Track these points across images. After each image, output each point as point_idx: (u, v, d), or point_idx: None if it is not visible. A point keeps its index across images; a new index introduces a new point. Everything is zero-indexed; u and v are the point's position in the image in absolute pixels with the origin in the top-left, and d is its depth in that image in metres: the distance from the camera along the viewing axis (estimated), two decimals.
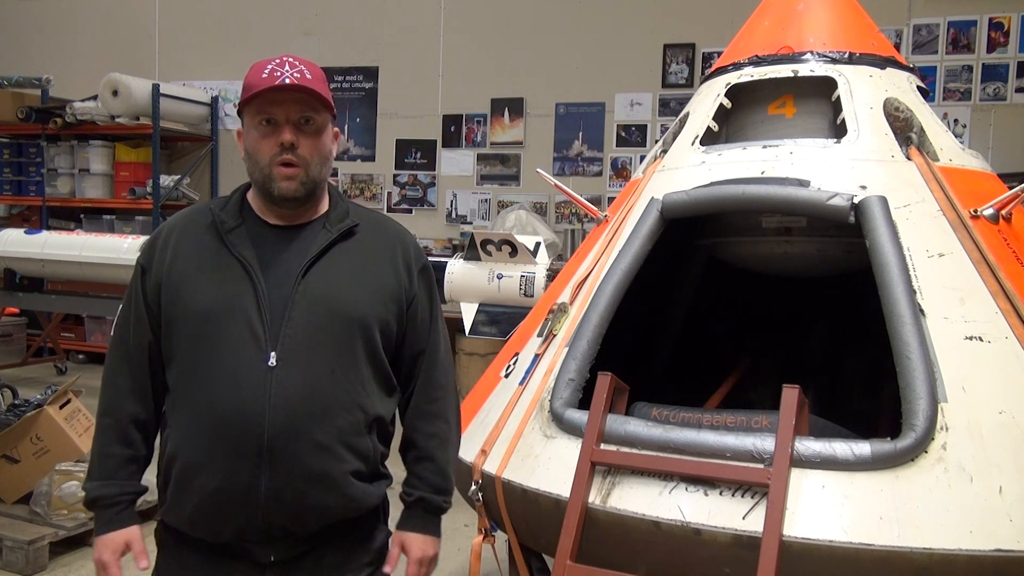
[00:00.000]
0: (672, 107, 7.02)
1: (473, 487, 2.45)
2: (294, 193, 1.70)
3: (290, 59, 1.71)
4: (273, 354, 1.65)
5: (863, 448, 1.97)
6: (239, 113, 1.75)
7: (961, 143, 2.74)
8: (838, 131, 2.56)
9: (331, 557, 1.76)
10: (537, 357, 2.63)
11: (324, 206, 1.82)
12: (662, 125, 6.99)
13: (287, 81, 1.66)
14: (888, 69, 2.69)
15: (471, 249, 4.84)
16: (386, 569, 1.85)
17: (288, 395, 1.65)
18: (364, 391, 1.74)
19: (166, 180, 7.87)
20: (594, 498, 2.16)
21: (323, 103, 1.71)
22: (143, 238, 6.36)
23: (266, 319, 1.67)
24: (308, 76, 1.69)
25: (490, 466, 2.43)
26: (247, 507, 1.65)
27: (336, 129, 1.82)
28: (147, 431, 1.77)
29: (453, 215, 7.78)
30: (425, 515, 1.86)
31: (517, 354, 2.78)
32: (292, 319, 1.67)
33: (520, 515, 2.38)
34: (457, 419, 1.95)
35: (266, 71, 1.68)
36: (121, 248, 6.21)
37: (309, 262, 1.72)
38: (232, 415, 1.64)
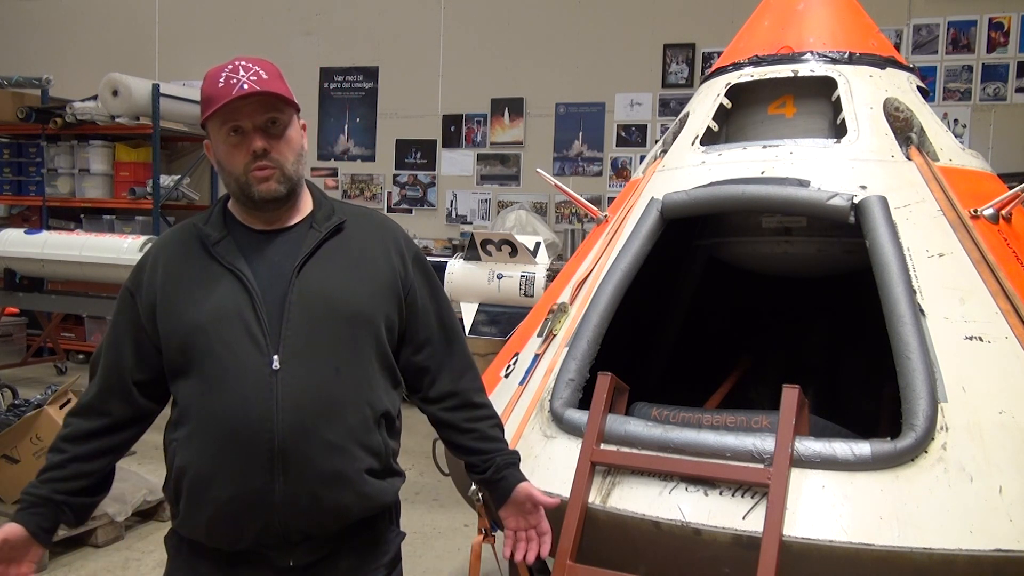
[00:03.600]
0: (672, 107, 7.03)
1: (473, 487, 2.45)
2: (274, 193, 1.68)
3: (243, 62, 1.67)
4: (276, 357, 1.64)
5: (863, 448, 1.97)
6: (202, 126, 1.72)
7: (961, 143, 2.74)
8: (838, 131, 2.56)
9: (346, 560, 1.75)
10: (537, 357, 2.63)
11: (308, 206, 1.79)
12: (662, 125, 6.99)
13: (245, 87, 1.62)
14: (888, 69, 2.69)
15: (471, 249, 4.84)
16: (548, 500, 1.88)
17: (295, 396, 1.63)
18: (370, 386, 1.73)
19: (166, 180, 7.87)
20: (594, 498, 2.16)
21: (286, 102, 1.68)
22: (143, 238, 6.36)
23: (264, 323, 1.65)
24: (265, 76, 1.65)
25: None
26: (263, 514, 1.63)
27: (303, 121, 1.77)
28: (98, 442, 1.73)
29: (453, 215, 7.78)
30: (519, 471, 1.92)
31: (517, 354, 2.78)
32: (291, 320, 1.66)
33: None
34: None
35: (221, 79, 1.64)
36: (121, 248, 6.21)
37: (301, 261, 1.70)
38: (239, 422, 1.62)
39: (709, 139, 2.73)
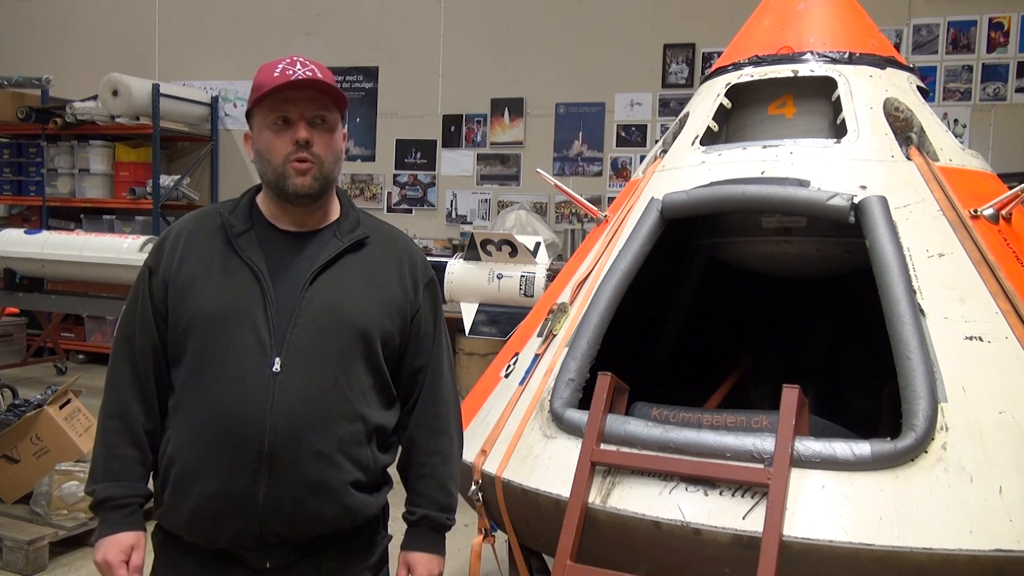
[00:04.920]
0: (672, 107, 7.03)
1: (473, 487, 2.45)
2: (308, 189, 1.69)
3: (300, 59, 1.71)
4: (278, 360, 1.64)
5: (863, 448, 1.97)
6: (248, 115, 1.74)
7: (961, 143, 2.74)
8: (838, 131, 2.56)
9: (329, 563, 1.75)
10: (537, 357, 2.63)
11: (335, 212, 1.81)
12: (662, 125, 6.99)
13: (300, 77, 1.66)
14: (888, 69, 2.69)
15: (471, 249, 4.85)
16: None
17: (291, 402, 1.64)
18: (365, 401, 1.73)
19: (166, 180, 7.87)
20: (594, 498, 2.16)
21: (336, 101, 1.72)
22: (143, 238, 6.36)
23: (272, 325, 1.66)
24: (320, 75, 1.69)
25: (490, 466, 2.43)
26: (244, 514, 1.64)
27: (344, 130, 1.81)
28: (153, 436, 1.75)
29: (453, 215, 7.78)
30: (429, 533, 1.85)
31: (517, 354, 2.78)
32: (298, 326, 1.67)
33: (520, 515, 2.38)
34: (459, 434, 1.94)
35: (277, 70, 1.68)
36: (121, 248, 6.21)
37: (317, 270, 1.71)
38: (233, 420, 1.62)
39: (709, 139, 2.73)
